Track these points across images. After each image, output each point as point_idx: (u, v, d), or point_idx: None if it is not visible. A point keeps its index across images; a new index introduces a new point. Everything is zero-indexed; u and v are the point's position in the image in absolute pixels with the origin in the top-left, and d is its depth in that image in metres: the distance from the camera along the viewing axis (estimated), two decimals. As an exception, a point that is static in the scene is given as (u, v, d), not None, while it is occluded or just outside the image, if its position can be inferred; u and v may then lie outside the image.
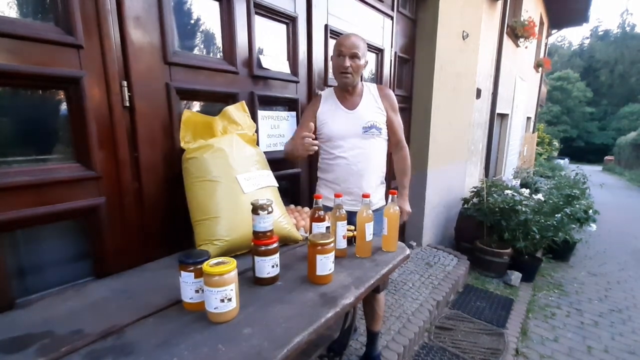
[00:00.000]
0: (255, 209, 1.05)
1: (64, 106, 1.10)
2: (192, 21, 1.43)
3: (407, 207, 1.76)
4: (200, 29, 1.46)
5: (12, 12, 0.98)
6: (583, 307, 2.95)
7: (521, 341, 2.39)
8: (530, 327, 2.59)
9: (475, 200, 3.79)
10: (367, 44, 2.36)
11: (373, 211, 1.63)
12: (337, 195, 1.28)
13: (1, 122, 1.00)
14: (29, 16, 1.02)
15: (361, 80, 1.72)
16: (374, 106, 1.68)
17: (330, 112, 1.67)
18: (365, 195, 1.29)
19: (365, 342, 1.84)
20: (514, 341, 2.32)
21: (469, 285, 3.09)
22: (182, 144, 1.32)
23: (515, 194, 3.57)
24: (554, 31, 9.60)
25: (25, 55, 0.98)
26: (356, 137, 1.64)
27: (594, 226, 3.76)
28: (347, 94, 1.68)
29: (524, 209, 3.30)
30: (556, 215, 3.31)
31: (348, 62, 1.56)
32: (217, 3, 1.47)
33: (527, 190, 3.78)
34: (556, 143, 12.71)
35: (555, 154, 12.58)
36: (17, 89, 1.02)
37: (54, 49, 1.03)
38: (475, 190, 3.84)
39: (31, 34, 0.98)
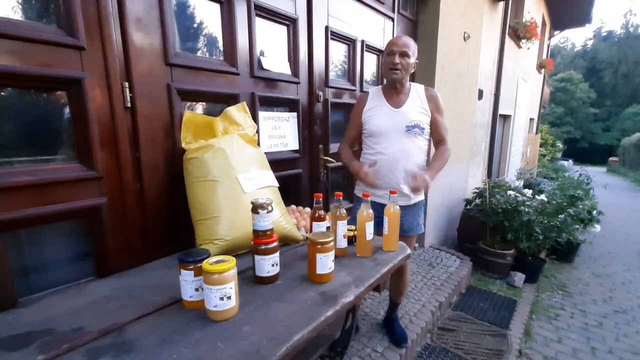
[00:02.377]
0: (255, 207, 1.05)
1: (66, 107, 1.11)
2: (193, 23, 1.44)
3: (429, 178, 1.56)
4: (201, 31, 1.47)
5: (16, 15, 0.99)
6: (587, 308, 2.92)
7: (525, 342, 2.37)
8: (534, 328, 2.57)
9: (477, 201, 3.78)
10: (368, 45, 2.40)
11: (411, 205, 1.76)
12: (337, 195, 1.28)
13: (4, 122, 1.01)
14: (32, 18, 1.03)
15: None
16: (419, 106, 1.71)
17: (375, 109, 1.72)
18: (366, 195, 1.29)
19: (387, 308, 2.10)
20: (517, 342, 2.31)
21: (472, 286, 3.07)
22: (183, 145, 1.33)
23: (518, 195, 3.55)
24: (556, 32, 9.56)
25: (28, 57, 0.99)
26: (399, 135, 1.67)
27: (598, 227, 3.73)
28: (394, 92, 1.72)
29: (527, 209, 3.29)
30: (559, 215, 3.29)
31: (398, 59, 1.61)
32: (217, 5, 1.49)
33: (530, 191, 3.75)
34: (560, 144, 12.63)
35: (559, 155, 12.50)
36: (20, 90, 1.03)
37: (56, 51, 1.04)
38: (478, 191, 3.83)
39: (34, 35, 0.99)
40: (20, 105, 1.04)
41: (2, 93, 1.00)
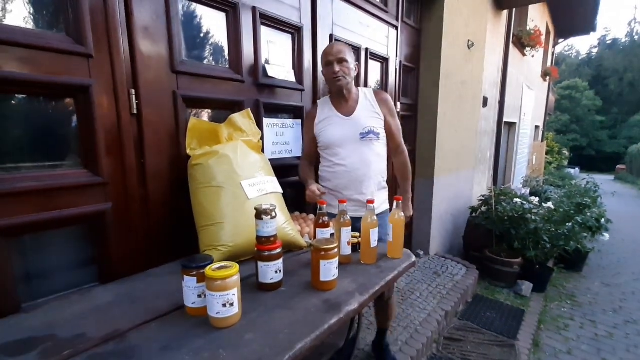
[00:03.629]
0: (259, 213, 1.05)
1: (73, 113, 1.12)
2: (199, 31, 1.46)
3: (410, 211, 1.80)
4: (207, 39, 1.49)
5: (25, 23, 1.01)
6: (597, 319, 2.86)
7: (533, 353, 2.32)
8: (543, 339, 2.51)
9: (483, 208, 3.74)
10: (372, 53, 2.41)
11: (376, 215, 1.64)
12: (341, 202, 1.28)
13: (12, 128, 1.02)
14: (41, 27, 1.05)
15: (356, 87, 1.74)
16: (370, 111, 1.69)
17: (327, 120, 1.68)
18: (370, 201, 1.29)
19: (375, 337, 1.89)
20: (526, 353, 2.26)
21: (479, 295, 3.03)
22: (188, 151, 1.34)
23: (525, 202, 3.51)
24: (560, 40, 9.57)
25: (37, 64, 1.00)
26: (354, 143, 1.64)
27: (606, 235, 3.67)
28: (342, 101, 1.68)
29: (533, 217, 3.25)
30: (567, 224, 3.24)
31: (337, 67, 1.58)
32: (223, 14, 1.51)
33: (537, 199, 3.71)
34: (566, 152, 12.52)
35: (566, 162, 12.37)
36: (29, 96, 1.05)
37: (65, 58, 1.06)
38: (484, 198, 3.79)
39: (43, 43, 1.01)
40: (28, 112, 1.05)
41: (11, 100, 1.02)
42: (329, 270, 1.06)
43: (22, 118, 1.04)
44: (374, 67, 2.54)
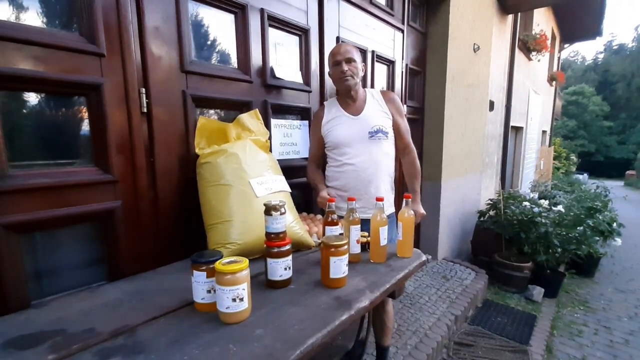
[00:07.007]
0: (268, 209, 1.04)
1: (84, 112, 1.14)
2: (208, 32, 1.47)
3: (421, 209, 1.73)
4: (216, 40, 1.51)
5: (40, 22, 1.03)
6: (612, 325, 2.78)
7: (546, 359, 2.26)
8: (556, 345, 2.45)
9: (492, 212, 3.70)
10: (378, 55, 2.42)
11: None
12: (350, 199, 1.26)
13: (25, 125, 1.03)
14: (55, 26, 1.07)
15: (363, 87, 1.73)
16: (379, 110, 1.68)
17: (335, 120, 1.67)
18: (379, 199, 1.27)
19: (376, 358, 1.75)
20: (539, 359, 2.20)
21: (489, 300, 2.97)
22: (197, 150, 1.34)
23: (534, 206, 3.46)
24: (566, 45, 9.54)
25: (51, 63, 1.02)
26: (362, 143, 1.63)
27: (619, 240, 3.60)
28: (350, 101, 1.68)
29: (543, 220, 3.19)
30: (578, 227, 3.18)
31: (345, 67, 1.58)
32: (232, 15, 1.53)
33: (546, 202, 3.66)
34: (574, 157, 12.34)
35: (574, 168, 12.18)
36: (42, 94, 1.06)
37: (78, 57, 1.07)
38: (492, 202, 3.75)
39: (57, 42, 1.02)
40: (41, 109, 1.07)
41: (25, 97, 1.03)
42: (339, 267, 1.04)
43: (35, 115, 1.05)
44: (380, 70, 2.54)
